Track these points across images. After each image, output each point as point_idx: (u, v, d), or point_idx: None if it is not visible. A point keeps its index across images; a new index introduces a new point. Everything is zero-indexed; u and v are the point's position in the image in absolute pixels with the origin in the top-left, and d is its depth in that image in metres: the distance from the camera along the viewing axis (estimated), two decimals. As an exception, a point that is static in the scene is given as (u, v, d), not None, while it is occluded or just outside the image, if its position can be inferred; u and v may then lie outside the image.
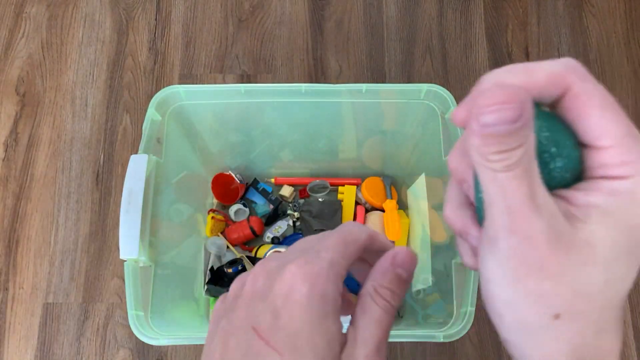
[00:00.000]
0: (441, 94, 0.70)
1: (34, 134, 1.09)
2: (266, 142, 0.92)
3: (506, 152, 0.17)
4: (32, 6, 1.17)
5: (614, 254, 0.18)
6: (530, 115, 0.17)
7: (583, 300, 0.18)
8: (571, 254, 0.17)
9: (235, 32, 1.17)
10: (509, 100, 0.17)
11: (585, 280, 0.18)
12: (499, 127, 0.17)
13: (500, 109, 0.17)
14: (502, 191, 0.18)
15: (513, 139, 0.17)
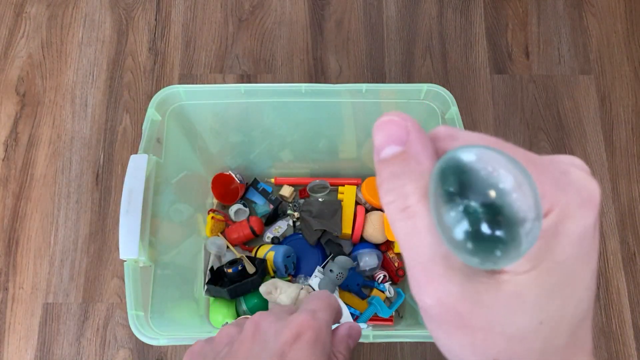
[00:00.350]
0: (441, 94, 0.70)
1: (34, 134, 1.08)
2: (266, 142, 0.92)
3: (395, 190, 0.17)
4: (32, 6, 1.17)
5: (544, 296, 0.17)
6: (419, 148, 0.17)
7: (519, 346, 0.17)
8: (496, 307, 0.17)
9: (235, 32, 1.17)
10: (395, 117, 0.18)
11: (518, 327, 0.17)
12: (386, 150, 0.18)
13: (386, 124, 0.18)
14: (408, 248, 0.18)
15: (401, 169, 0.17)
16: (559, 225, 0.16)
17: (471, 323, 0.17)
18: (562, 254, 0.16)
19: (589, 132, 1.11)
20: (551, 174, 0.16)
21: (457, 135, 0.18)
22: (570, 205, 0.16)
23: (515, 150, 0.17)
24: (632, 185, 1.08)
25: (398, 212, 0.18)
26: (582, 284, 0.17)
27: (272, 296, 0.84)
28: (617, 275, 1.02)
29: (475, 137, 0.18)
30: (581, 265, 0.17)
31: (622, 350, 0.98)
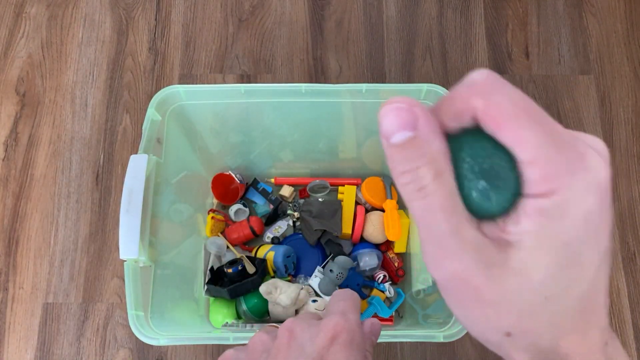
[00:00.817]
0: (441, 94, 0.70)
1: (34, 134, 1.08)
2: (266, 142, 0.92)
3: (410, 172, 0.18)
4: (32, 6, 1.17)
5: (550, 273, 0.17)
6: (428, 131, 0.18)
7: (529, 319, 0.18)
8: (505, 282, 0.18)
9: (235, 32, 1.17)
10: (403, 104, 0.19)
11: (526, 302, 0.18)
12: (397, 135, 0.18)
13: (394, 111, 0.19)
14: (423, 226, 0.19)
15: (414, 153, 0.18)
16: (563, 206, 0.17)
17: (485, 297, 0.18)
18: (566, 234, 0.17)
19: (589, 132, 1.10)
20: (566, 155, 0.17)
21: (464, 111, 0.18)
22: (577, 189, 0.17)
23: (542, 121, 0.17)
24: (632, 185, 1.08)
25: (414, 192, 0.18)
26: (589, 264, 0.18)
27: (272, 296, 0.84)
28: (617, 275, 1.02)
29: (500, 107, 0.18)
30: (587, 246, 0.17)
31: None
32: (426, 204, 0.18)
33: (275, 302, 0.85)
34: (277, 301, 0.84)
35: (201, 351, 0.96)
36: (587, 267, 0.18)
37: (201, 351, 0.96)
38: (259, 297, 0.88)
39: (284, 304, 0.84)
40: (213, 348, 0.96)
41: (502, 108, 0.17)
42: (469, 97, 0.18)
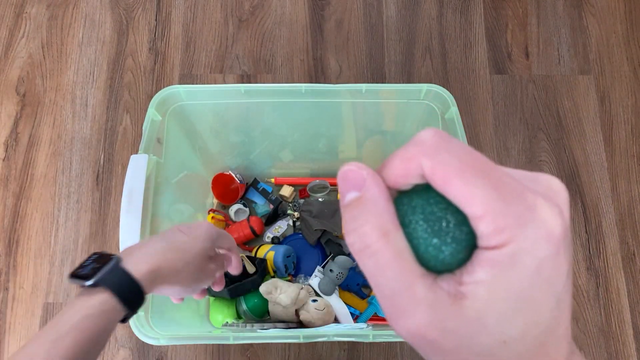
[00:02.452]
0: (441, 94, 0.70)
1: (34, 134, 1.09)
2: (266, 142, 0.92)
3: (355, 230, 0.19)
4: (32, 6, 1.17)
5: (505, 320, 0.18)
6: (374, 191, 0.19)
7: (483, 359, 0.19)
8: (461, 332, 0.18)
9: (235, 32, 1.17)
10: (352, 167, 0.20)
11: (485, 347, 0.18)
12: (347, 196, 0.20)
13: (346, 174, 0.20)
14: (374, 284, 0.19)
15: (359, 212, 0.19)
16: (515, 257, 0.17)
17: (442, 347, 0.19)
18: (519, 283, 0.17)
19: (588, 132, 1.11)
20: (515, 208, 0.17)
21: (410, 175, 0.19)
22: (528, 240, 0.17)
23: (489, 175, 0.18)
24: (632, 185, 1.08)
25: (360, 251, 0.19)
26: (544, 307, 0.18)
27: (272, 296, 0.84)
28: (617, 275, 1.02)
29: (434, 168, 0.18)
30: (541, 292, 0.18)
31: (622, 350, 0.98)
32: (373, 262, 0.19)
33: (275, 302, 0.85)
34: (277, 301, 0.84)
35: (201, 351, 0.96)
36: (542, 311, 0.18)
37: (201, 351, 0.96)
38: (259, 297, 0.88)
39: (284, 304, 0.84)
40: (213, 348, 0.96)
41: (448, 167, 0.18)
42: (416, 157, 0.18)
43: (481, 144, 1.10)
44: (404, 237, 0.19)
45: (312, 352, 0.96)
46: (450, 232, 0.18)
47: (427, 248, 0.19)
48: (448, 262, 0.19)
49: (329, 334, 0.65)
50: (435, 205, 0.19)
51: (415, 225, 0.19)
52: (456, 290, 0.18)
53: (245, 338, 0.66)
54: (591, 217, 1.06)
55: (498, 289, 0.18)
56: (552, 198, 0.18)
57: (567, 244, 0.18)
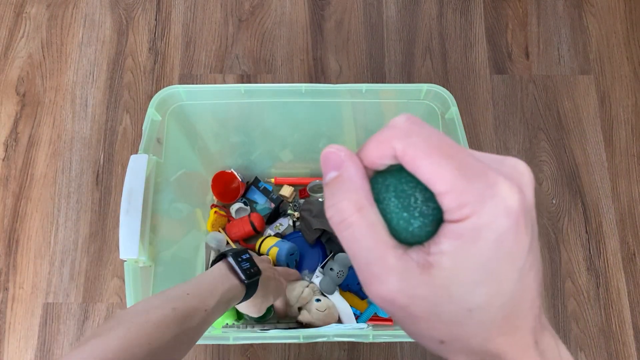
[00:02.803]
0: (441, 94, 0.70)
1: (34, 134, 1.08)
2: (266, 142, 0.92)
3: (334, 205, 0.21)
4: (32, 6, 1.17)
5: (469, 289, 0.19)
6: (352, 171, 0.21)
7: (457, 328, 0.20)
8: (430, 300, 0.20)
9: (235, 32, 1.17)
10: (331, 149, 0.22)
11: (452, 315, 0.20)
12: (327, 176, 0.22)
13: (326, 156, 0.22)
14: (351, 255, 0.21)
15: (337, 189, 0.21)
16: (475, 230, 0.19)
17: (413, 313, 0.20)
18: (480, 255, 0.19)
19: (588, 132, 1.11)
20: (476, 185, 0.19)
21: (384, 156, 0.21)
22: (487, 214, 0.19)
23: (454, 156, 0.19)
24: (632, 185, 1.08)
25: (337, 224, 0.21)
26: (506, 280, 0.20)
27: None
28: (617, 275, 1.02)
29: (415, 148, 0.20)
30: (502, 265, 0.19)
31: (622, 350, 0.98)
32: (349, 234, 0.21)
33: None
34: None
35: (201, 351, 0.96)
36: (504, 283, 0.20)
37: (201, 351, 0.96)
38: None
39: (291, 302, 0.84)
40: (213, 348, 0.96)
41: (416, 149, 0.20)
42: (389, 140, 0.20)
43: (481, 144, 1.10)
44: (377, 212, 0.21)
45: (312, 352, 0.96)
46: (418, 207, 0.21)
47: (398, 221, 0.21)
48: (417, 234, 0.21)
49: (329, 334, 0.65)
50: (406, 184, 0.21)
51: (388, 201, 0.21)
52: (425, 260, 0.20)
53: (245, 338, 0.66)
54: (591, 217, 1.06)
55: (461, 259, 0.19)
56: (515, 178, 0.20)
57: (528, 221, 0.20)
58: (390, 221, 0.21)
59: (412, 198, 0.21)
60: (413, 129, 0.20)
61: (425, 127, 0.20)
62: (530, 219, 0.20)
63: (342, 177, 0.21)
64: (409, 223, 0.21)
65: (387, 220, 0.21)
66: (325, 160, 0.22)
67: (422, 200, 0.21)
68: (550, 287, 1.02)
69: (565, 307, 1.01)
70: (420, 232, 0.21)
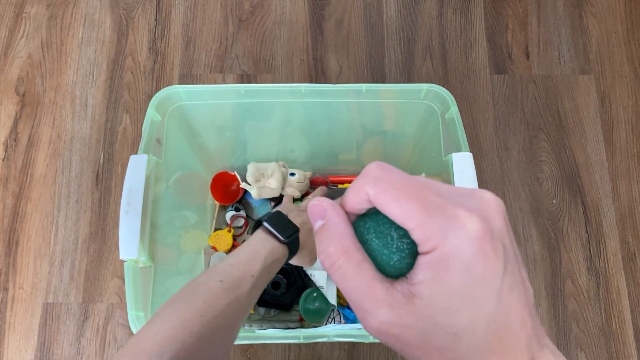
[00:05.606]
0: (441, 94, 0.70)
1: (34, 134, 1.08)
2: (265, 142, 0.92)
3: (324, 251, 0.23)
4: (32, 6, 1.17)
5: (449, 315, 0.21)
6: (335, 219, 0.24)
7: (448, 352, 0.21)
8: (418, 327, 0.21)
9: (235, 32, 1.17)
10: (315, 201, 0.25)
11: (441, 340, 0.21)
12: (315, 225, 0.24)
13: (311, 208, 0.24)
14: (345, 293, 0.23)
15: (325, 236, 0.24)
16: (444, 259, 0.20)
17: (407, 341, 0.22)
18: (453, 281, 0.20)
19: (589, 132, 1.11)
20: (438, 220, 0.21)
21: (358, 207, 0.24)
22: (451, 244, 0.20)
23: (418, 196, 0.21)
24: (632, 185, 1.08)
25: (328, 268, 0.23)
26: (485, 303, 0.21)
27: (261, 182, 0.90)
28: (617, 275, 1.02)
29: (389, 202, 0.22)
30: (477, 288, 0.21)
31: (622, 350, 0.98)
32: (340, 275, 0.23)
33: (264, 187, 0.90)
34: (267, 185, 0.90)
35: (201, 351, 0.96)
36: (483, 306, 0.21)
37: (201, 351, 0.96)
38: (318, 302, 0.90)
39: (274, 186, 0.90)
40: (213, 348, 0.96)
41: (385, 193, 0.22)
42: (363, 187, 0.23)
43: (481, 144, 1.10)
44: (362, 252, 0.23)
45: (312, 352, 0.96)
46: (394, 244, 0.23)
47: (381, 258, 0.23)
48: (398, 267, 0.23)
49: (329, 334, 0.65)
50: (383, 225, 0.23)
51: (370, 242, 0.24)
52: (408, 291, 0.22)
53: (245, 338, 0.66)
54: (591, 217, 1.06)
55: (437, 287, 0.21)
56: (481, 208, 0.22)
57: (497, 245, 0.21)
58: (375, 259, 0.23)
59: (389, 237, 0.23)
60: (381, 175, 0.23)
61: (393, 172, 0.23)
62: (500, 243, 0.21)
63: (327, 226, 0.24)
64: (389, 258, 0.23)
65: (372, 258, 0.23)
66: (311, 212, 0.25)
67: (397, 237, 0.23)
68: (550, 287, 1.02)
69: (565, 307, 1.01)
70: (400, 265, 0.23)
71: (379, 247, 0.23)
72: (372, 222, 0.24)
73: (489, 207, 0.22)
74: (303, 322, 0.92)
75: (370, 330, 0.22)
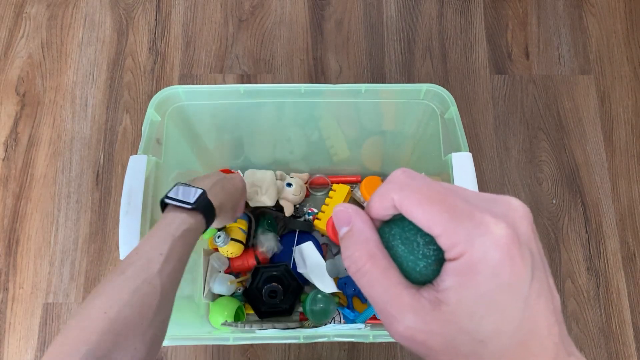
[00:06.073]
0: (441, 94, 0.70)
1: (34, 134, 1.09)
2: (266, 143, 0.92)
3: (349, 257, 0.23)
4: (32, 6, 1.17)
5: (476, 321, 0.21)
6: (360, 224, 0.24)
7: (474, 357, 0.21)
8: (444, 333, 0.21)
9: (235, 32, 1.17)
10: (341, 207, 0.25)
11: (467, 346, 0.21)
12: (341, 231, 0.24)
13: (337, 214, 0.25)
14: (370, 299, 0.23)
15: (350, 242, 0.24)
16: (471, 265, 0.20)
17: (433, 347, 0.22)
18: (480, 287, 0.20)
19: (588, 132, 1.11)
20: (466, 225, 0.21)
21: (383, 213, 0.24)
22: (478, 250, 0.20)
23: (443, 202, 0.21)
24: (632, 185, 1.08)
25: (354, 273, 0.23)
26: (511, 309, 0.21)
27: (257, 197, 0.90)
28: (617, 276, 1.02)
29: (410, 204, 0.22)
30: (504, 295, 0.20)
31: (622, 350, 0.98)
32: (366, 281, 0.23)
33: (258, 201, 0.91)
34: (262, 200, 0.91)
35: (201, 351, 0.96)
36: (510, 312, 0.21)
37: (201, 351, 0.96)
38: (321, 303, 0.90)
39: (268, 204, 0.91)
40: (213, 348, 0.96)
41: (410, 199, 0.22)
42: (388, 193, 0.23)
43: (481, 144, 1.10)
44: (388, 258, 0.23)
45: (312, 352, 0.96)
46: (420, 251, 0.23)
47: (407, 264, 0.23)
48: (424, 273, 0.23)
49: (329, 334, 0.65)
50: (409, 231, 0.23)
51: (396, 248, 0.24)
52: (434, 298, 0.22)
53: (245, 339, 0.66)
54: (591, 217, 1.06)
55: (464, 293, 0.21)
56: (508, 214, 0.22)
57: (525, 251, 0.21)
58: (401, 265, 0.23)
59: (414, 243, 0.23)
60: (407, 181, 0.23)
61: (418, 179, 0.23)
62: (527, 249, 0.21)
63: (352, 231, 0.24)
64: (415, 264, 0.23)
65: (398, 264, 0.23)
66: (336, 218, 0.25)
67: (424, 244, 0.23)
68: (550, 287, 1.02)
69: (565, 307, 1.01)
70: (426, 272, 0.23)
71: (405, 253, 0.23)
72: (398, 228, 0.24)
73: (515, 213, 0.22)
74: (303, 322, 0.92)
75: (395, 336, 0.22)
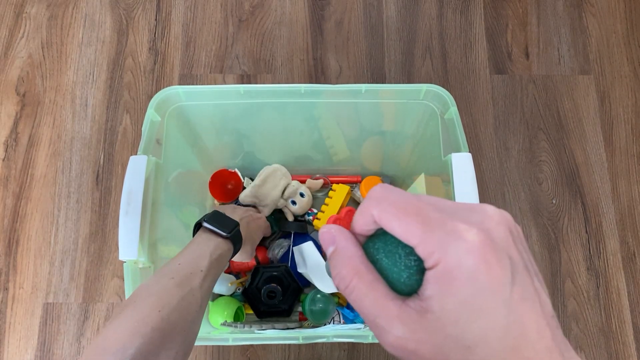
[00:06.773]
0: (441, 94, 0.70)
1: (34, 134, 1.09)
2: (266, 143, 0.92)
3: (337, 275, 0.24)
4: (32, 6, 1.17)
5: (460, 327, 0.21)
6: (344, 243, 0.25)
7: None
8: (432, 340, 0.22)
9: (235, 32, 1.17)
10: (325, 228, 0.26)
11: (455, 352, 0.21)
12: (327, 251, 0.25)
13: (322, 235, 0.26)
14: (360, 313, 0.24)
15: (336, 261, 0.25)
16: (447, 272, 0.21)
17: (424, 356, 0.22)
18: (459, 293, 0.21)
19: (588, 132, 1.11)
20: (439, 235, 0.21)
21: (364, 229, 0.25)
22: (453, 257, 0.21)
23: (418, 214, 0.22)
24: (632, 185, 1.08)
25: (343, 290, 0.24)
26: (494, 313, 0.21)
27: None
28: (617, 276, 1.02)
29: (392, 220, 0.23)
30: (484, 300, 0.21)
31: (622, 350, 0.98)
32: (355, 296, 0.24)
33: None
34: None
35: (201, 352, 0.96)
36: (492, 316, 0.21)
37: (201, 352, 0.96)
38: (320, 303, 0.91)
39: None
40: (213, 349, 0.96)
41: (388, 213, 0.23)
42: (368, 209, 0.24)
43: (481, 144, 1.10)
44: (374, 272, 0.24)
45: (312, 352, 0.96)
46: (402, 262, 0.24)
47: (392, 276, 0.24)
48: (409, 284, 0.23)
49: (329, 334, 0.65)
50: (391, 244, 0.24)
51: (380, 261, 0.24)
52: (420, 307, 0.22)
53: (245, 339, 0.66)
54: (591, 217, 1.06)
55: (446, 300, 0.21)
56: (483, 221, 0.22)
57: (501, 255, 0.21)
58: (386, 277, 0.24)
59: (396, 255, 0.24)
60: (384, 196, 0.24)
61: (394, 193, 0.24)
62: (504, 253, 0.21)
63: (337, 250, 0.25)
64: (399, 276, 0.24)
65: (384, 277, 0.24)
66: (322, 239, 0.26)
67: (405, 255, 0.24)
68: (550, 287, 1.02)
69: (565, 307, 1.01)
70: (410, 282, 0.23)
71: (388, 265, 0.24)
72: (381, 242, 0.25)
73: (490, 220, 0.23)
74: (302, 322, 0.92)
75: (387, 346, 0.23)
